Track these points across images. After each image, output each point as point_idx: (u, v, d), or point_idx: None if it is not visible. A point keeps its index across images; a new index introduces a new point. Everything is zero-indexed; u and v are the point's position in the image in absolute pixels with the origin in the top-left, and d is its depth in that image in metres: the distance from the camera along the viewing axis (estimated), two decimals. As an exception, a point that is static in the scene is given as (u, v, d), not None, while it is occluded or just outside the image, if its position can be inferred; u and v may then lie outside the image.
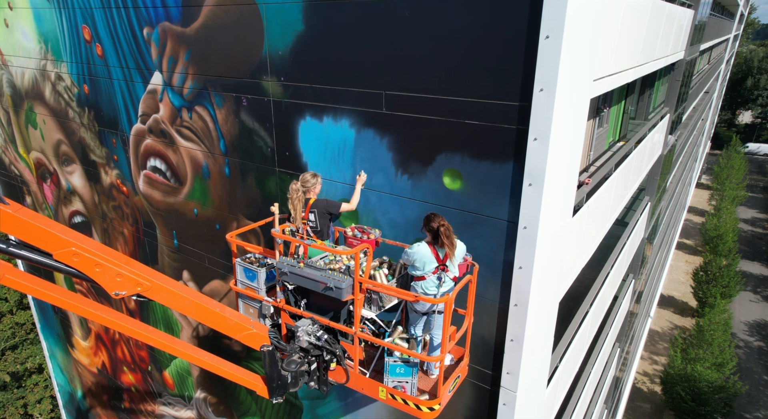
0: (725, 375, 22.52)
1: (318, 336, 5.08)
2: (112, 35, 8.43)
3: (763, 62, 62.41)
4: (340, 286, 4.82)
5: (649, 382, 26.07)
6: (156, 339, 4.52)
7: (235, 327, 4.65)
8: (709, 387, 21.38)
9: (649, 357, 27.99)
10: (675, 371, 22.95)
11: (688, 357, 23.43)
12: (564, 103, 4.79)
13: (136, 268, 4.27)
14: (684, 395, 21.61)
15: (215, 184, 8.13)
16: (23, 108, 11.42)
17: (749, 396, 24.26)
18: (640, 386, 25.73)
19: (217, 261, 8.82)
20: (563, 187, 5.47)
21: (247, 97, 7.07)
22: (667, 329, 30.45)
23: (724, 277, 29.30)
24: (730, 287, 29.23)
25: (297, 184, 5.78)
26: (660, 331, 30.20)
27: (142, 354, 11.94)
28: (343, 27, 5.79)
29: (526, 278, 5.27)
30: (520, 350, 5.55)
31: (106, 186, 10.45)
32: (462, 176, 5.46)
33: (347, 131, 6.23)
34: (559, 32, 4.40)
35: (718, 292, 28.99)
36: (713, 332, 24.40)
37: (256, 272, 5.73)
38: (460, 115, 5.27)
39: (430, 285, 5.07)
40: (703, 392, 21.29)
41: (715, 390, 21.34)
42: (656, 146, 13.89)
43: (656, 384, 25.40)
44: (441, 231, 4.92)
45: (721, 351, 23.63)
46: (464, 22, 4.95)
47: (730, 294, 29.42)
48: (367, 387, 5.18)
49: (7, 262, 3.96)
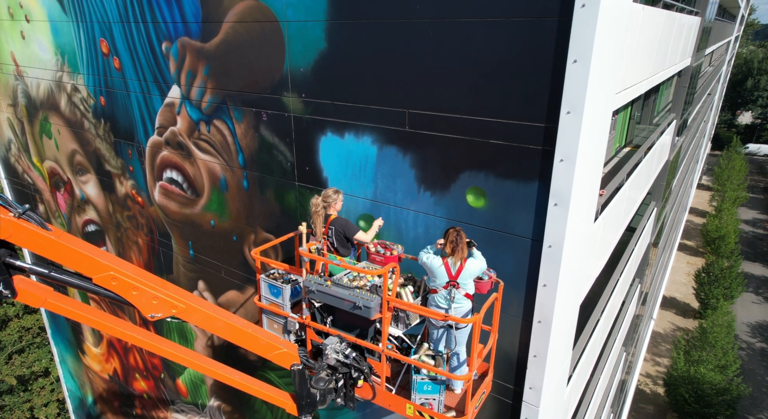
0: (729, 377, 22.64)
1: (346, 354, 5.15)
2: (130, 49, 8.49)
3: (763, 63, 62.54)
4: (369, 305, 4.88)
5: (652, 384, 26.17)
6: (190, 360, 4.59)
7: (266, 347, 4.71)
8: (713, 389, 21.49)
9: (652, 358, 28.10)
10: (678, 373, 23.05)
11: (691, 359, 23.53)
12: (590, 124, 4.86)
13: (171, 291, 4.33)
14: (687, 397, 21.72)
15: (233, 196, 8.19)
16: (38, 118, 11.47)
17: (752, 398, 24.38)
18: (643, 388, 25.83)
19: (234, 273, 8.89)
20: (586, 204, 5.54)
21: (267, 112, 7.13)
22: (669, 330, 30.56)
23: (726, 279, 29.41)
24: (732, 288, 29.35)
25: (318, 199, 5.84)
26: (662, 333, 30.31)
27: (155, 362, 12.00)
28: (366, 46, 5.85)
29: (551, 295, 5.34)
30: (543, 365, 5.63)
31: (120, 196, 10.51)
32: (486, 194, 5.53)
33: (369, 148, 6.29)
34: (587, 57, 4.47)
35: (720, 294, 29.10)
36: (716, 334, 24.50)
37: (281, 288, 5.79)
38: (484, 134, 5.33)
39: (441, 299, 5.10)
40: (707, 394, 21.40)
41: (719, 392, 21.45)
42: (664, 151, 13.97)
43: (659, 385, 25.50)
44: (447, 237, 4.97)
45: (725, 353, 23.74)
46: (491, 44, 5.01)
47: (732, 296, 29.54)
48: (393, 403, 5.25)
49: (47, 286, 4.03)
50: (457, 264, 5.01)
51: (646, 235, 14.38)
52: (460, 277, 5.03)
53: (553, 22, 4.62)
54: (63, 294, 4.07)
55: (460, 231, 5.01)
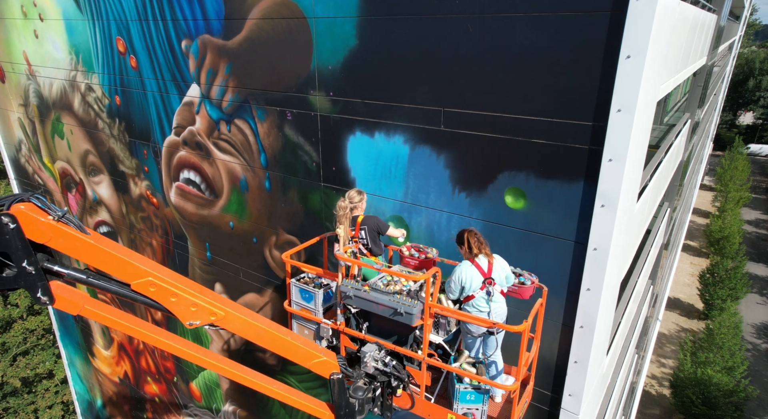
0: (736, 378, 22.50)
1: (385, 362, 4.97)
2: (147, 47, 8.28)
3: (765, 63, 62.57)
4: (411, 312, 4.71)
5: (658, 386, 26.04)
6: (235, 372, 4.40)
7: (306, 356, 4.52)
8: (720, 391, 21.35)
9: (657, 360, 27.97)
10: (685, 374, 22.92)
11: (698, 361, 23.40)
12: (641, 123, 4.70)
13: (210, 297, 4.14)
14: (694, 399, 21.57)
15: (254, 197, 8.00)
16: (50, 118, 11.24)
17: (759, 399, 24.26)
18: (649, 389, 25.69)
19: (253, 275, 8.69)
20: (631, 205, 5.38)
21: (292, 111, 6.94)
22: (674, 331, 30.44)
23: (731, 279, 29.28)
24: (737, 289, 29.23)
25: (345, 202, 5.66)
26: (667, 334, 30.19)
27: (167, 365, 11.79)
28: (400, 43, 5.67)
29: (594, 300, 5.17)
30: (585, 372, 5.45)
31: (134, 197, 10.30)
32: (526, 195, 5.36)
33: (401, 147, 6.11)
34: (643, 52, 4.29)
35: (725, 294, 28.98)
36: (723, 335, 24.38)
37: (313, 293, 5.61)
38: (526, 133, 5.16)
39: (481, 302, 4.96)
40: (714, 396, 21.25)
41: (726, 394, 21.31)
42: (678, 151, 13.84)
43: (665, 387, 25.37)
44: (467, 237, 4.93)
45: (732, 354, 23.60)
46: (535, 40, 4.84)
47: (737, 297, 29.43)
48: (434, 413, 5.08)
49: (84, 293, 3.83)
50: (485, 261, 4.94)
51: (660, 237, 14.24)
52: (494, 273, 4.94)
53: (605, 16, 4.45)
54: (99, 301, 3.88)
55: (474, 230, 5.03)
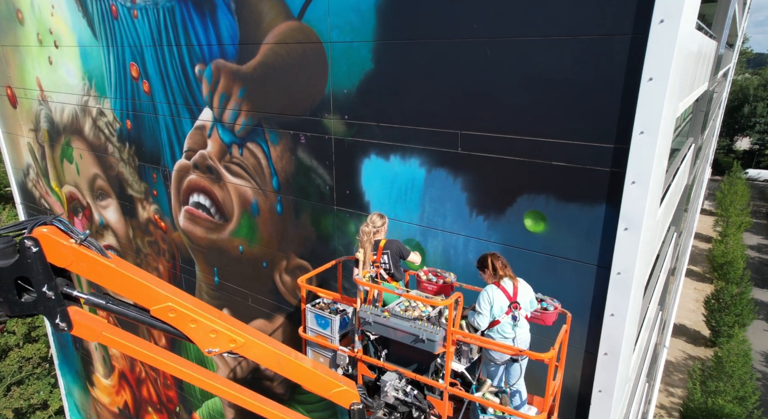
0: (749, 409, 21.99)
1: (406, 391, 4.80)
2: (161, 72, 8.33)
3: (759, 90, 63.55)
4: (434, 339, 4.57)
5: (667, 416, 25.42)
6: (269, 410, 4.24)
7: (326, 385, 4.36)
8: (733, 422, 20.85)
9: (665, 388, 27.38)
10: (695, 404, 22.40)
11: (708, 390, 22.90)
12: (662, 144, 4.66)
13: (230, 323, 4.02)
14: (706, 430, 21.05)
15: (265, 221, 7.91)
16: (59, 142, 11.25)
17: (772, 429, 23.67)
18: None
19: (263, 300, 8.53)
20: (654, 228, 5.30)
21: (306, 134, 6.93)
22: (681, 359, 29.90)
23: (737, 305, 28.93)
24: (743, 315, 28.85)
25: (369, 226, 5.59)
26: (674, 361, 29.64)
27: (170, 394, 11.48)
28: (417, 66, 5.68)
29: (619, 325, 5.04)
30: (610, 401, 5.28)
31: (142, 221, 10.21)
32: (546, 218, 5.29)
33: (417, 170, 6.07)
34: (665, 74, 4.29)
35: (731, 321, 28.58)
36: (733, 363, 23.92)
37: (329, 319, 5.47)
38: (546, 156, 5.12)
39: (507, 328, 4.84)
40: (726, 427, 20.76)
41: (739, 425, 20.81)
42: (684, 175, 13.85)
43: (674, 417, 24.77)
44: (491, 260, 4.85)
45: (743, 383, 23.11)
46: (555, 63, 4.84)
47: (744, 323, 29.02)
48: (456, 444, 4.89)
49: (102, 319, 3.71)
50: (510, 284, 4.84)
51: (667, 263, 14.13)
52: (519, 296, 4.82)
53: (626, 39, 4.47)
54: (117, 327, 3.75)
55: (497, 253, 4.97)
